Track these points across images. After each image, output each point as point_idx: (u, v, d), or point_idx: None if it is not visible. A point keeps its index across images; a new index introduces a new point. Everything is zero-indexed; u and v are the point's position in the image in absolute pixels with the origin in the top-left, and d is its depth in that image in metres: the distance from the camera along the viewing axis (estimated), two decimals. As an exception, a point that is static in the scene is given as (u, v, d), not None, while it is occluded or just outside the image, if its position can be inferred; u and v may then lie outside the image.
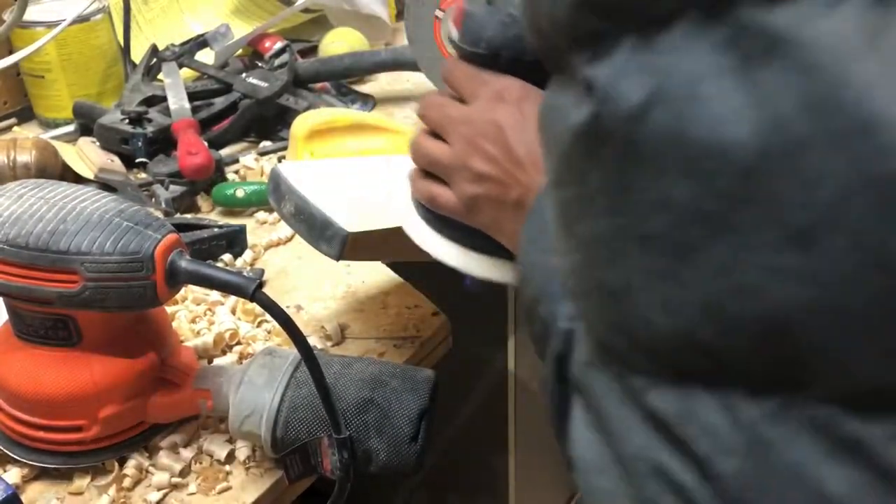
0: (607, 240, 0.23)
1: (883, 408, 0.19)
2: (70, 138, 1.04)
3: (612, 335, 0.24)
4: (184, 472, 0.62)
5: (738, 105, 0.19)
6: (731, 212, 0.20)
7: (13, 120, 1.09)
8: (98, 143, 0.98)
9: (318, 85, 1.12)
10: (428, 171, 0.57)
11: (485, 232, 0.55)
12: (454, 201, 0.55)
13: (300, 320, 0.73)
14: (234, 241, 0.83)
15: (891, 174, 0.17)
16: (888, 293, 0.18)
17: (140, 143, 0.95)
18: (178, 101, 1.01)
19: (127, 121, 0.97)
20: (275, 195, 0.67)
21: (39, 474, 0.62)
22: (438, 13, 0.99)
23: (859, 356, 0.19)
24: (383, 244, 0.64)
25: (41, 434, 0.60)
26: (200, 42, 1.13)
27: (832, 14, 0.17)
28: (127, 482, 0.61)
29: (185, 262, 0.56)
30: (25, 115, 1.11)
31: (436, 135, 0.56)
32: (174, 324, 0.73)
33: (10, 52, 1.02)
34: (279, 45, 1.11)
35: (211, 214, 0.91)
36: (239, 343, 0.73)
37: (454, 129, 0.54)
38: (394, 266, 0.82)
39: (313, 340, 0.72)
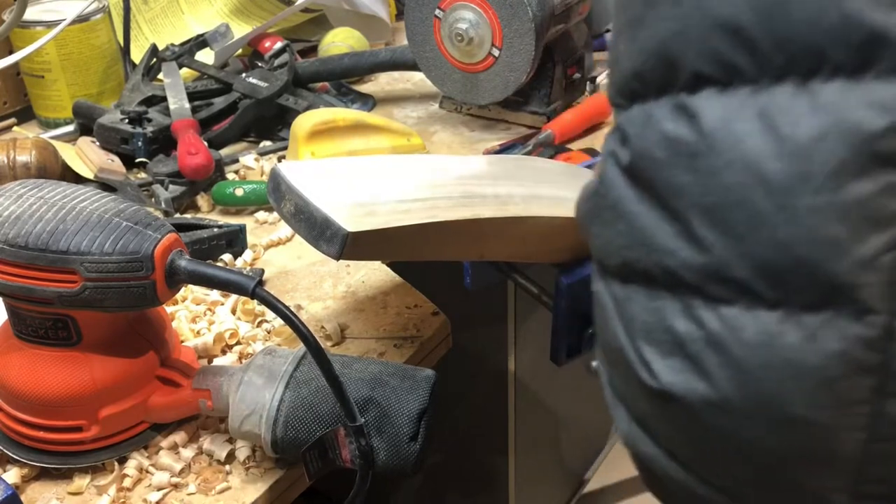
0: (618, 31, 0.40)
1: (699, 86, 0.37)
2: (70, 138, 1.04)
3: (610, 87, 0.41)
4: (184, 472, 0.62)
5: None
6: None
7: (13, 120, 1.09)
8: (98, 143, 0.98)
9: (318, 85, 1.12)
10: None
11: None
12: None
13: (300, 320, 0.73)
14: (234, 240, 0.83)
15: None
16: (704, 20, 0.35)
17: (140, 143, 0.95)
18: (177, 101, 1.01)
19: (127, 121, 0.97)
20: (275, 195, 0.67)
21: (39, 474, 0.62)
22: (438, 13, 0.99)
23: (690, 54, 0.36)
24: (383, 244, 0.64)
25: (41, 434, 0.60)
26: (200, 42, 1.13)
27: (723, 97, 0.36)
28: (127, 482, 0.61)
29: (184, 262, 0.56)
30: (25, 115, 1.11)
31: None
32: (174, 324, 0.73)
33: (10, 52, 1.02)
34: (279, 45, 1.11)
35: (211, 214, 0.91)
36: (239, 343, 0.73)
37: None
38: (394, 266, 0.82)
39: (313, 340, 0.72)
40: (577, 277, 0.68)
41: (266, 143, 1.03)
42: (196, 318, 0.75)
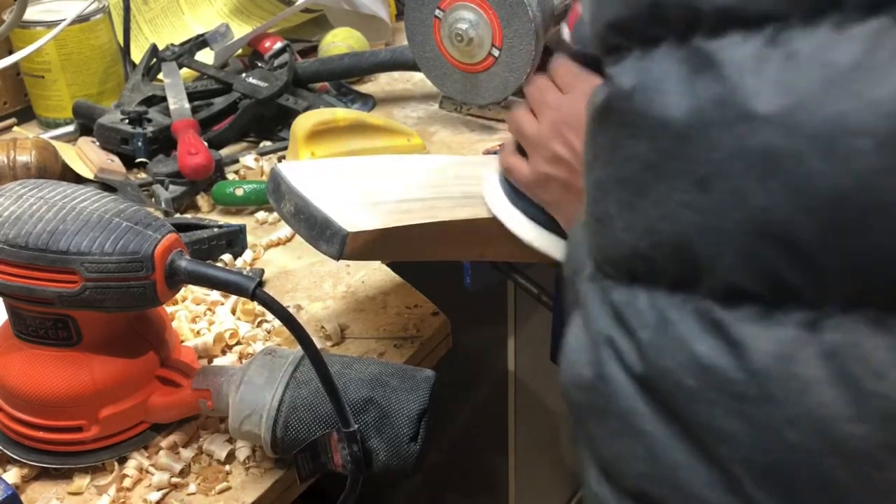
0: (601, 183, 0.34)
1: (737, 299, 0.29)
2: (70, 138, 1.04)
3: (598, 253, 0.34)
4: (184, 472, 0.62)
5: (681, 96, 0.30)
6: (667, 163, 0.30)
7: (13, 120, 1.09)
8: (98, 143, 0.98)
9: (318, 85, 1.12)
10: (517, 144, 0.65)
11: (545, 209, 0.63)
12: (527, 175, 0.63)
13: (300, 320, 0.73)
14: (234, 240, 0.83)
15: (754, 148, 0.28)
16: (744, 223, 0.28)
17: (140, 143, 0.95)
18: (177, 101, 1.01)
19: (127, 121, 0.97)
20: (275, 195, 0.67)
21: (39, 474, 0.62)
22: (438, 13, 0.99)
23: (725, 263, 0.29)
24: (383, 244, 0.64)
25: (41, 434, 0.60)
26: (200, 42, 1.13)
27: (743, 46, 0.28)
28: (127, 482, 0.61)
29: (184, 262, 0.56)
30: (25, 115, 1.11)
31: (533, 112, 0.64)
32: (174, 324, 0.73)
33: (10, 52, 1.02)
34: (279, 45, 1.11)
35: (211, 214, 0.91)
36: (239, 343, 0.73)
37: (545, 111, 0.63)
38: (394, 266, 0.82)
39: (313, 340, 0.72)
40: (577, 277, 0.68)
41: (266, 143, 1.03)
42: (196, 318, 0.75)
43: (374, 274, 0.81)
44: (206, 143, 0.94)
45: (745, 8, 0.28)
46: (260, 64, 1.12)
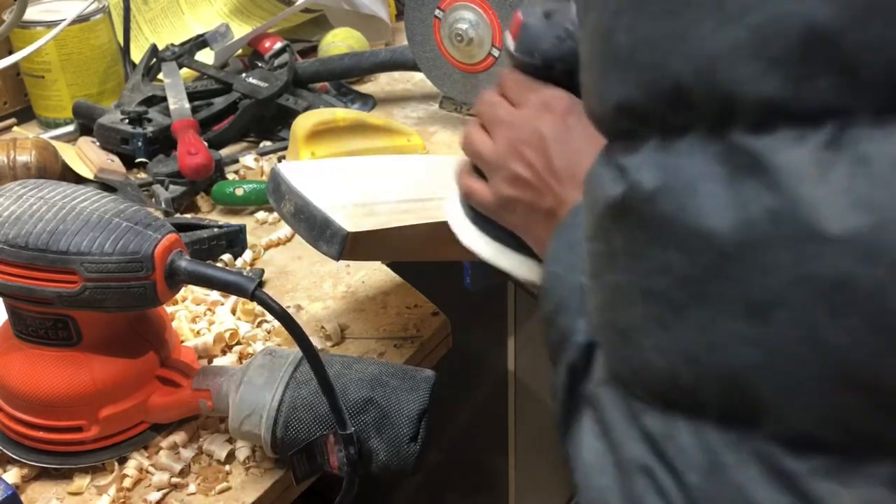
0: (623, 290, 0.29)
1: (808, 448, 0.25)
2: (70, 138, 1.04)
3: (620, 365, 0.30)
4: (184, 472, 0.62)
5: (723, 204, 0.25)
6: (711, 283, 0.26)
7: (13, 120, 1.09)
8: (98, 143, 0.98)
9: (318, 85, 1.12)
10: (474, 165, 0.60)
11: (518, 235, 0.57)
12: (489, 198, 0.58)
13: (300, 320, 0.73)
14: (234, 240, 0.83)
15: (823, 275, 0.23)
16: (814, 363, 0.24)
17: (140, 143, 0.95)
18: (177, 101, 1.01)
19: (127, 121, 0.97)
20: (275, 195, 0.67)
21: (39, 474, 0.62)
22: (438, 13, 0.99)
23: (792, 408, 0.25)
24: (383, 244, 0.64)
25: (41, 434, 0.60)
26: (200, 42, 1.13)
27: (798, 147, 0.23)
28: (127, 482, 0.61)
29: (184, 262, 0.56)
30: (25, 115, 1.11)
31: (486, 130, 0.59)
32: (174, 324, 0.73)
33: (10, 52, 1.02)
34: (279, 45, 1.11)
35: (211, 214, 0.91)
36: (239, 343, 0.73)
37: (500, 130, 0.57)
38: (394, 266, 0.82)
39: (313, 340, 0.72)
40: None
41: (266, 143, 1.03)
42: (196, 318, 0.75)
43: (374, 274, 0.81)
44: (206, 143, 0.94)
45: (799, 100, 0.24)
46: (260, 64, 1.12)
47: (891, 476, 0.24)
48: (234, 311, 0.76)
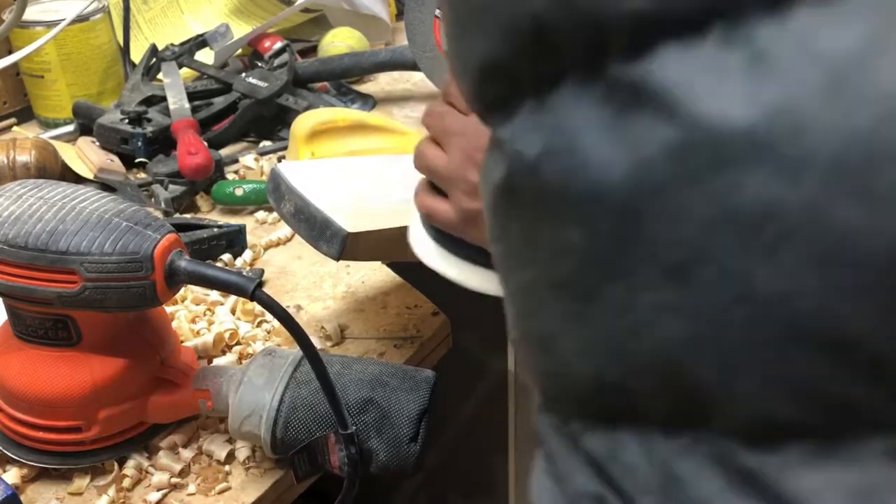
0: (530, 289, 0.24)
1: (773, 439, 0.20)
2: (70, 138, 1.04)
3: (547, 382, 0.25)
4: (183, 473, 0.62)
5: (610, 153, 0.21)
6: (617, 253, 0.21)
7: (13, 120, 1.09)
8: (98, 143, 0.98)
9: (318, 85, 1.12)
10: (430, 182, 0.57)
11: (482, 246, 0.54)
12: (452, 215, 0.54)
13: (300, 320, 0.73)
14: (234, 240, 0.83)
15: (744, 207, 0.19)
16: (755, 323, 0.19)
17: (140, 143, 0.95)
18: (177, 101, 1.01)
19: (126, 121, 0.97)
20: (275, 195, 0.67)
21: (39, 474, 0.62)
22: (438, 13, 0.99)
23: (742, 389, 0.20)
24: (383, 244, 0.64)
25: (41, 434, 0.60)
26: (200, 42, 1.13)
27: (685, 60, 0.19)
28: (126, 482, 0.60)
29: (184, 262, 0.56)
30: (25, 115, 1.10)
31: (438, 143, 0.56)
32: (174, 324, 0.73)
33: (10, 52, 1.02)
34: (279, 44, 1.11)
35: (211, 214, 0.91)
36: (239, 343, 0.73)
37: (452, 141, 0.54)
38: (394, 266, 0.82)
39: (313, 340, 0.72)
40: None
41: (266, 143, 1.03)
42: (196, 318, 0.75)
43: (374, 274, 0.81)
44: (205, 143, 0.94)
45: (673, 8, 0.19)
46: (260, 64, 1.12)
47: (886, 448, 0.19)
48: (233, 311, 0.76)
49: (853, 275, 0.18)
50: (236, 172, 0.98)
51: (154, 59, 1.10)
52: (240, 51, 1.16)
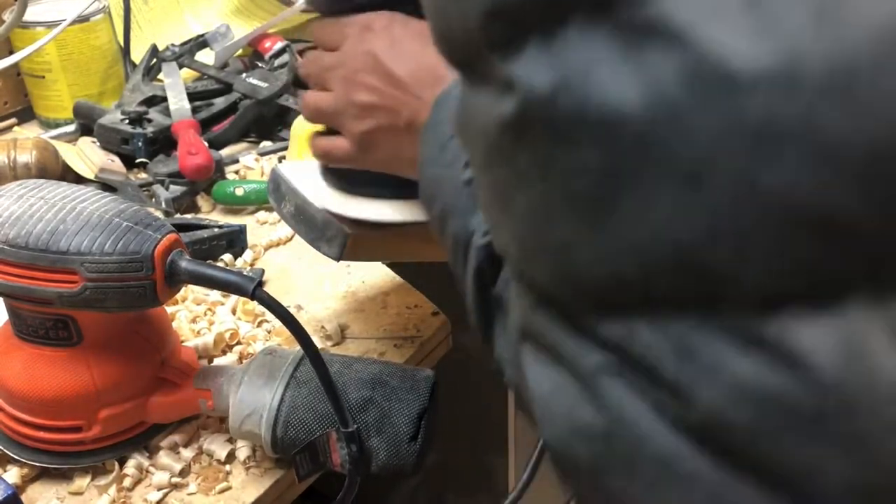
0: (542, 207, 0.27)
1: (775, 307, 0.24)
2: (70, 138, 1.04)
3: (559, 287, 0.28)
4: (184, 472, 0.62)
5: (627, 81, 0.23)
6: (634, 169, 0.24)
7: (13, 120, 1.09)
8: (98, 144, 0.98)
9: (319, 85, 1.12)
10: (322, 127, 0.58)
11: (387, 172, 0.55)
12: (347, 146, 0.56)
13: (300, 320, 0.73)
14: (235, 240, 0.83)
15: (747, 121, 0.22)
16: (761, 214, 0.23)
17: (140, 144, 0.95)
18: (178, 102, 1.01)
19: (127, 121, 0.97)
20: (275, 195, 0.67)
21: (40, 474, 0.62)
22: None
23: (750, 269, 0.24)
24: (383, 244, 0.64)
25: (41, 434, 0.60)
26: (200, 42, 1.13)
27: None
28: (127, 482, 0.61)
29: (184, 262, 0.56)
30: (26, 115, 1.11)
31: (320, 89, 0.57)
32: (174, 324, 0.73)
33: (11, 52, 1.02)
34: (279, 45, 1.11)
35: (211, 214, 0.91)
36: (239, 343, 0.73)
37: (331, 76, 0.55)
38: (394, 266, 0.82)
39: (313, 340, 0.73)
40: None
41: (266, 144, 1.03)
42: (196, 318, 0.75)
43: (374, 274, 0.81)
44: (206, 144, 0.94)
45: None
46: (260, 64, 1.12)
47: (864, 303, 0.23)
48: (234, 311, 0.76)
49: (840, 169, 0.22)
50: (237, 173, 0.98)
51: (154, 60, 1.10)
52: (240, 51, 1.16)
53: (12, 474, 0.61)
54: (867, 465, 0.23)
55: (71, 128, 1.06)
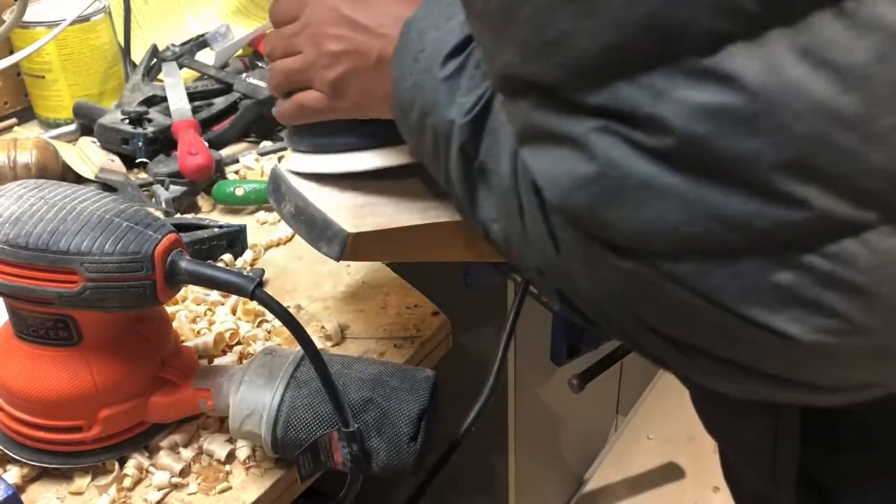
0: (541, 11, 0.34)
1: (717, 44, 0.31)
2: (70, 138, 1.04)
3: (555, 73, 0.35)
4: (184, 472, 0.62)
5: None
6: None
7: (13, 120, 1.09)
8: (98, 144, 0.98)
9: (319, 85, 1.12)
10: (291, 89, 0.60)
11: (361, 117, 0.57)
12: (320, 96, 0.58)
13: (300, 320, 0.73)
14: (235, 240, 0.83)
15: None
16: None
17: (140, 144, 0.95)
18: (178, 102, 1.01)
19: (127, 121, 0.97)
20: (275, 195, 0.67)
21: (40, 474, 0.62)
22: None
23: (700, 21, 0.31)
24: (384, 245, 0.64)
25: (41, 434, 0.60)
26: (201, 42, 1.13)
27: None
28: (127, 482, 0.61)
29: (184, 262, 0.56)
30: (26, 115, 1.11)
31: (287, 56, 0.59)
32: (174, 324, 0.73)
33: (11, 52, 1.02)
34: (279, 45, 1.11)
35: (211, 214, 0.91)
36: (239, 343, 0.73)
37: (297, 40, 0.58)
38: (394, 266, 0.82)
39: (313, 340, 0.73)
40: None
41: (266, 144, 1.03)
42: (196, 318, 0.75)
43: (374, 274, 0.81)
44: (206, 144, 0.94)
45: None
46: (260, 64, 1.12)
47: (780, 34, 0.30)
48: (234, 311, 0.76)
49: None
50: (237, 172, 0.98)
51: (155, 60, 1.10)
52: (240, 51, 1.16)
53: (12, 474, 0.61)
54: (788, 144, 0.31)
55: (71, 128, 1.06)
